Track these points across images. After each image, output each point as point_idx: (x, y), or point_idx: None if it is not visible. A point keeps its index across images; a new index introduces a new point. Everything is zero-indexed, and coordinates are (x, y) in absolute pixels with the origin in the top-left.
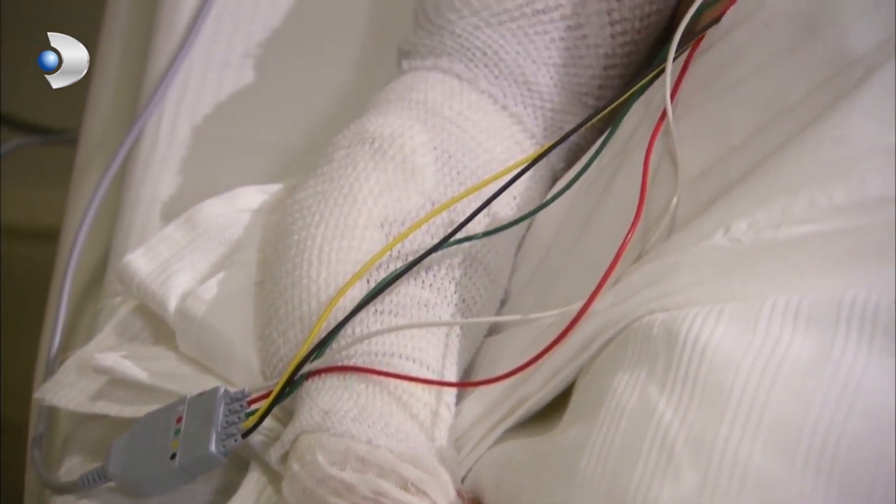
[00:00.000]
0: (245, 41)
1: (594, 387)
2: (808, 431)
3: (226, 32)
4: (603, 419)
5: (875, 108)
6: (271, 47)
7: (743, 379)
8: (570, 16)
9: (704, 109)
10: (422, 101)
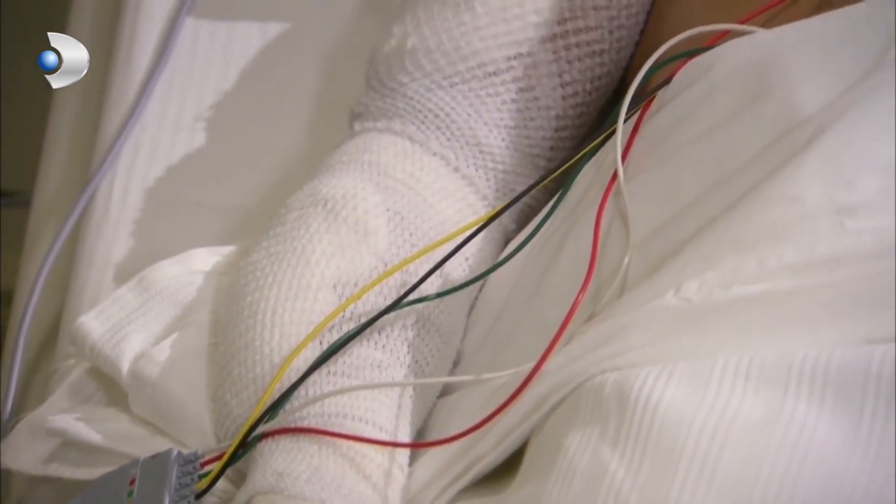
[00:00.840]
0: (197, 104)
1: (547, 446)
2: (760, 491)
3: (178, 95)
4: (556, 479)
5: (824, 167)
6: (223, 110)
7: (694, 438)
8: (522, 78)
9: (655, 170)
10: (374, 163)
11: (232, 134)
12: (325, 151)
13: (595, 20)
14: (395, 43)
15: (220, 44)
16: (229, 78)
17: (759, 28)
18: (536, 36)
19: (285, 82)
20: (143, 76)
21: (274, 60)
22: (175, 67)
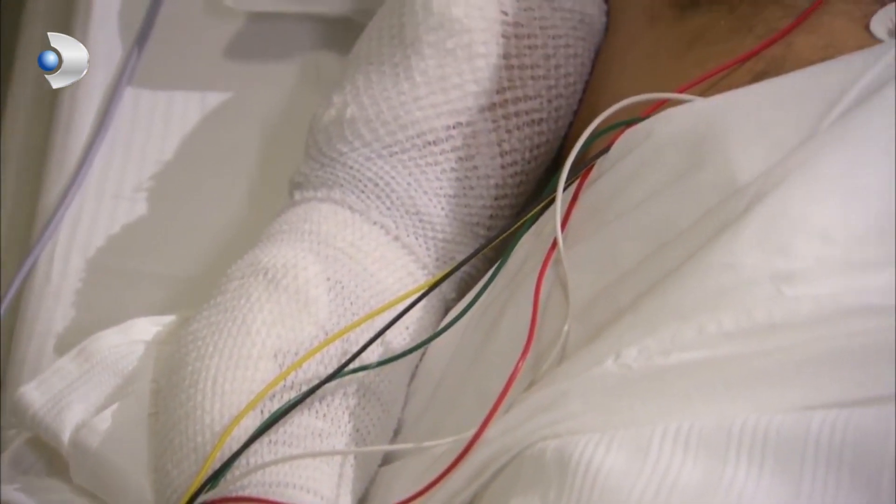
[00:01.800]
0: (138, 173)
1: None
2: None
3: (118, 165)
4: None
5: (762, 235)
6: (164, 179)
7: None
8: (461, 147)
9: (594, 238)
10: (314, 232)
11: (172, 203)
12: (265, 221)
13: (534, 89)
14: (334, 112)
15: (161, 113)
16: (169, 147)
17: (696, 97)
18: (475, 105)
19: (225, 152)
20: (83, 145)
21: (214, 130)
22: (115, 137)
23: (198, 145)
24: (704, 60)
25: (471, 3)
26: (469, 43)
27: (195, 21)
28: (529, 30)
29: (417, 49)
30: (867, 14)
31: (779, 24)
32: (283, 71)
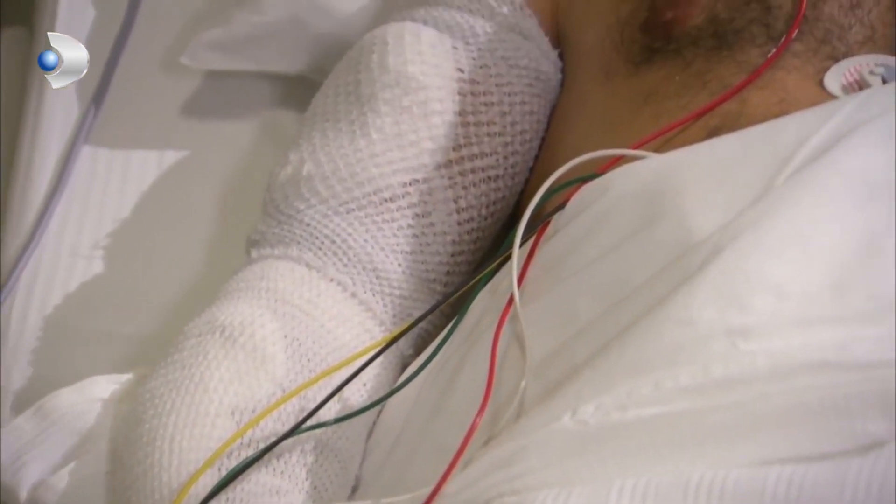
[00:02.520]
0: (95, 231)
1: None
2: None
3: (75, 223)
4: None
5: (717, 290)
6: (121, 237)
7: None
8: (418, 203)
9: (551, 294)
10: (272, 290)
11: (130, 261)
12: (222, 279)
13: (490, 146)
14: (291, 170)
15: (118, 171)
16: (127, 205)
17: (652, 153)
18: (432, 162)
19: (182, 210)
20: (40, 203)
21: (171, 188)
22: (73, 194)
23: (155, 203)
24: (659, 116)
25: (427, 60)
26: (425, 100)
27: (152, 79)
28: (485, 87)
29: (374, 106)
30: (820, 70)
31: (733, 80)
32: (240, 129)
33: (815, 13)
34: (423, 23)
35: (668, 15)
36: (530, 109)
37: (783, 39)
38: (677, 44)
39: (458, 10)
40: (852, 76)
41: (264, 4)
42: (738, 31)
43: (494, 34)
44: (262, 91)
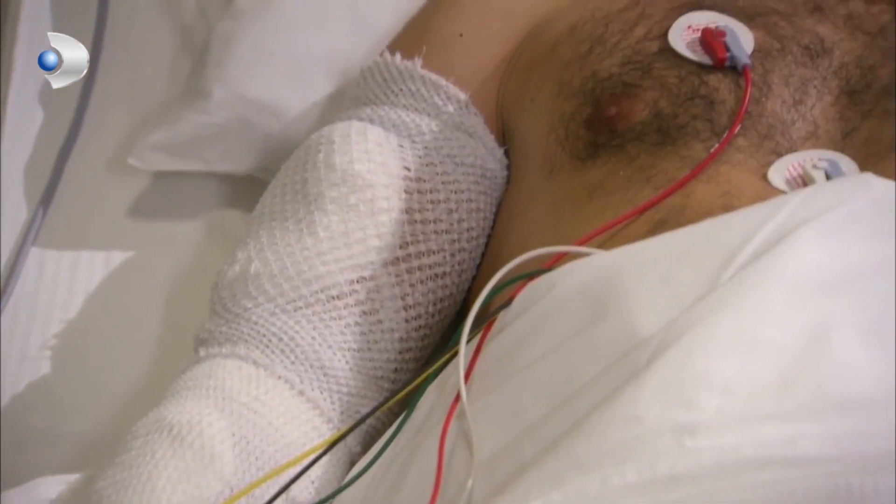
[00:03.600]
0: (42, 333)
1: None
2: None
3: (23, 325)
4: None
5: (664, 387)
6: (69, 338)
7: None
8: (365, 301)
9: (498, 391)
10: (219, 388)
11: (78, 362)
12: (170, 378)
13: (436, 243)
14: (239, 268)
15: (66, 272)
16: (75, 306)
17: (596, 250)
18: (379, 260)
19: (130, 310)
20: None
21: (119, 288)
22: (20, 297)
23: (103, 303)
24: (604, 210)
25: (373, 159)
26: (372, 198)
27: (100, 180)
28: (432, 185)
29: (321, 205)
30: (764, 165)
31: (677, 175)
32: (188, 229)
33: (759, 109)
34: (369, 122)
35: (612, 111)
36: (477, 207)
37: (726, 134)
38: (622, 139)
39: (405, 109)
40: (796, 171)
41: (211, 105)
42: (682, 126)
43: (440, 132)
44: (210, 191)
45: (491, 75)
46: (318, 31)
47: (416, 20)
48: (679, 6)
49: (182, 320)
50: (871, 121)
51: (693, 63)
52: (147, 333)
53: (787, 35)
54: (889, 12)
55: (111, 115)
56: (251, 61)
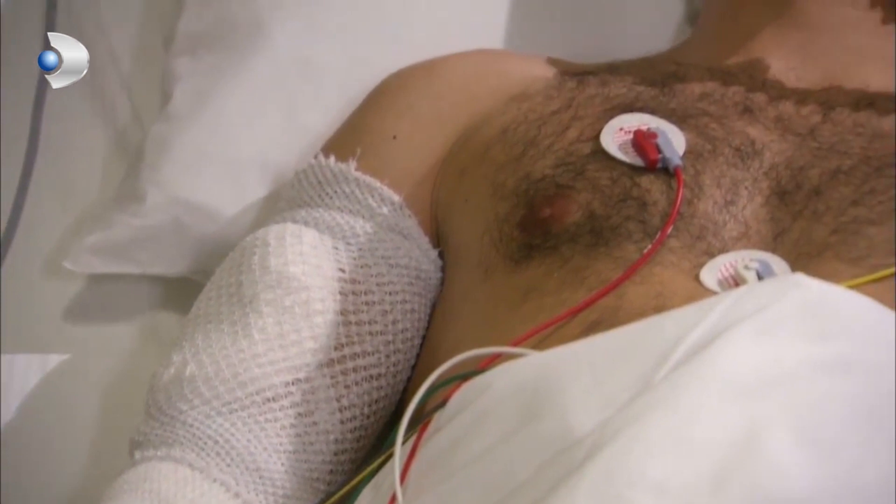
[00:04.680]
0: None
1: None
2: None
3: None
4: None
5: (597, 488)
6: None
7: None
8: (300, 403)
9: (435, 491)
10: (155, 491)
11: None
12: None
13: (371, 345)
14: (174, 371)
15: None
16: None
17: (530, 350)
18: (314, 361)
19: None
20: None
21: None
22: None
23: (38, 409)
24: (539, 312)
25: (308, 261)
26: (307, 300)
27: (34, 283)
28: (366, 286)
29: (256, 307)
30: (696, 265)
31: (610, 276)
32: (123, 331)
33: (691, 210)
34: (304, 224)
35: (545, 212)
36: (411, 308)
37: (659, 236)
38: (555, 241)
39: (339, 211)
40: (728, 271)
41: (146, 208)
42: (615, 227)
43: (375, 234)
44: (145, 293)
45: (425, 177)
46: (252, 134)
47: (350, 122)
48: (611, 108)
49: (118, 424)
50: (801, 221)
51: (625, 165)
52: (83, 437)
53: (718, 136)
54: (819, 113)
55: (46, 218)
56: (186, 164)
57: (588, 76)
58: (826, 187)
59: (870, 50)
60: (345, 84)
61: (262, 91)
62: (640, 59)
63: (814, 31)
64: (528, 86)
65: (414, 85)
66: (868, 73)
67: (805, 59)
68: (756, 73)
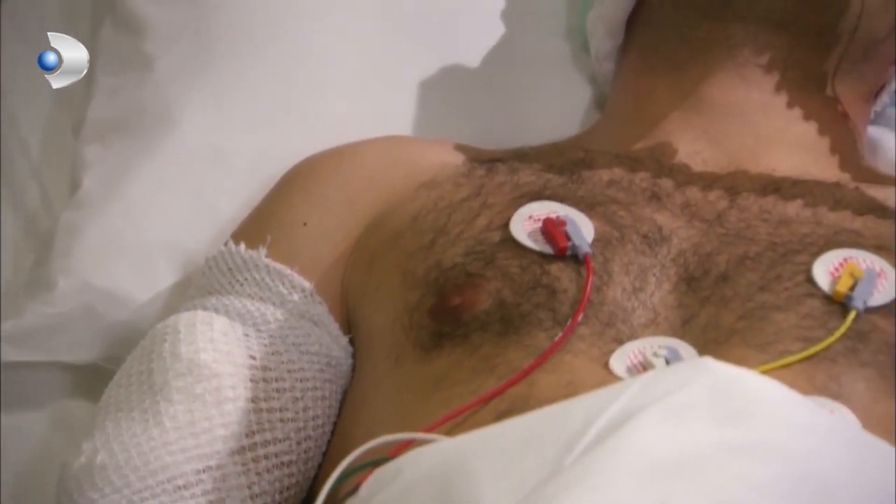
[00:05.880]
0: None
1: None
2: None
3: None
4: None
5: None
6: None
7: None
8: (211, 490)
9: None
10: None
11: None
12: None
13: (282, 432)
14: (84, 459)
15: None
16: None
17: (443, 437)
18: (225, 449)
19: None
20: None
21: None
22: None
23: None
24: (450, 400)
25: (219, 348)
26: (218, 387)
27: None
28: (277, 373)
29: (166, 395)
30: (606, 353)
31: (521, 364)
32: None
33: (600, 297)
34: (214, 311)
35: (455, 300)
36: (322, 395)
37: (569, 324)
38: (466, 329)
39: (250, 298)
40: (637, 358)
41: (56, 295)
42: (525, 315)
43: (285, 321)
44: (56, 381)
45: (335, 264)
46: (163, 220)
47: (260, 209)
48: (520, 196)
49: None
50: (709, 307)
51: (535, 253)
52: None
53: (626, 224)
54: (726, 199)
55: None
56: (97, 251)
57: (497, 163)
58: (733, 273)
59: (776, 133)
60: (255, 171)
61: (172, 178)
62: (549, 146)
63: (719, 115)
64: (438, 173)
65: (324, 172)
66: (774, 157)
67: (711, 144)
68: (663, 159)
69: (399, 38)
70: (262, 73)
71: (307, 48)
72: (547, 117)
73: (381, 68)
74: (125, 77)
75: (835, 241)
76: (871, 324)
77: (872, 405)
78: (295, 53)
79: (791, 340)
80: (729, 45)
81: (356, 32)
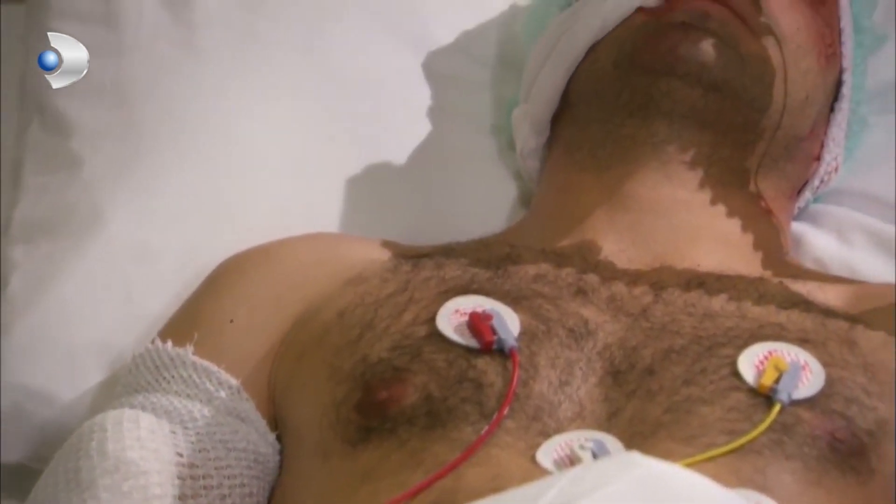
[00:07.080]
0: None
1: None
2: None
3: None
4: None
5: None
6: None
7: None
8: None
9: None
10: None
11: None
12: None
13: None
14: None
15: None
16: None
17: None
18: None
19: None
20: None
21: None
22: None
23: None
24: (377, 494)
25: (146, 445)
26: (145, 485)
27: None
28: (204, 470)
29: (93, 493)
30: (532, 446)
31: (448, 458)
32: None
33: (526, 391)
34: (141, 409)
35: (382, 395)
36: (249, 492)
37: (495, 417)
38: (392, 423)
39: (177, 396)
40: (563, 451)
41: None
42: (452, 409)
43: (212, 418)
44: None
45: (262, 360)
46: (90, 320)
47: (187, 306)
48: (446, 291)
49: None
50: (635, 401)
51: (462, 347)
52: None
53: (552, 318)
54: (651, 294)
55: None
56: (23, 349)
57: (424, 259)
58: (659, 367)
59: (700, 230)
60: (183, 267)
61: (99, 276)
62: (476, 241)
63: (643, 212)
64: (364, 269)
65: (250, 269)
66: (699, 253)
67: (636, 241)
68: (588, 255)
69: (327, 134)
70: (189, 169)
71: (235, 144)
72: (473, 214)
73: (308, 165)
74: (53, 176)
75: (759, 334)
76: (795, 416)
77: (798, 497)
78: (222, 149)
79: (717, 433)
80: (653, 142)
81: (284, 128)
